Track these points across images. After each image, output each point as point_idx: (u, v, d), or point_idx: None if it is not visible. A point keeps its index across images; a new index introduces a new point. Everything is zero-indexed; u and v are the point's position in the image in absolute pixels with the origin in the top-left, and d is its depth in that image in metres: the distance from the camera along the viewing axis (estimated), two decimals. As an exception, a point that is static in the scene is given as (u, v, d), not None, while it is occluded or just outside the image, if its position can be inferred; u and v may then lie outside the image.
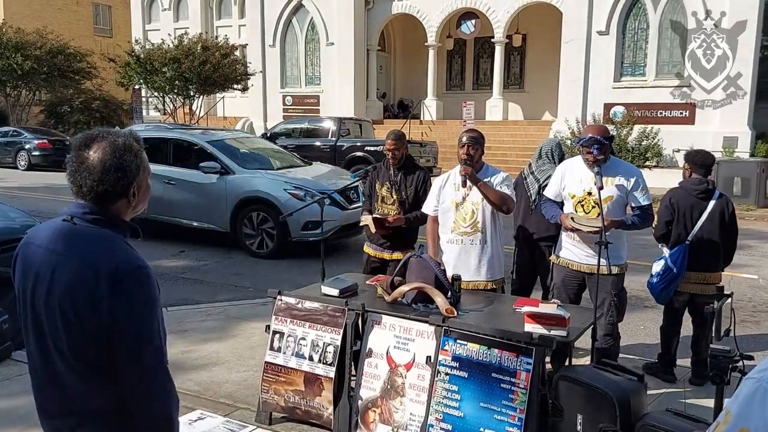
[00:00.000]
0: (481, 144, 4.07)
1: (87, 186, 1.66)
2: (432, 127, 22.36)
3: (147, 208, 1.87)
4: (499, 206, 3.98)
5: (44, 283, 1.64)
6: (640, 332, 5.75)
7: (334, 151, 15.88)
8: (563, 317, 3.11)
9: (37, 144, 20.87)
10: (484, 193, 3.94)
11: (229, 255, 8.61)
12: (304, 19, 24.20)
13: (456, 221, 4.09)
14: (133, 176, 1.70)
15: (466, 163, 3.96)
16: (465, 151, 3.99)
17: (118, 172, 1.66)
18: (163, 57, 21.68)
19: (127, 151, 1.69)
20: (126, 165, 1.67)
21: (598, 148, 3.88)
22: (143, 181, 1.75)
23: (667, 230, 4.50)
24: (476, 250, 4.05)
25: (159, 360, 1.65)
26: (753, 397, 1.15)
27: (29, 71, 24.70)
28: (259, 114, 25.13)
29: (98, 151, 1.66)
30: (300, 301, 3.75)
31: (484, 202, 3.99)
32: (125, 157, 1.68)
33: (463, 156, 4.00)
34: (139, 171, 1.72)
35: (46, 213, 10.53)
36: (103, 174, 1.64)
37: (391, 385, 3.42)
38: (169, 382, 1.67)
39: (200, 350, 5.05)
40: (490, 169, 4.15)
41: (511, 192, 4.06)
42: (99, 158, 1.65)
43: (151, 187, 1.81)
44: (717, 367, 2.30)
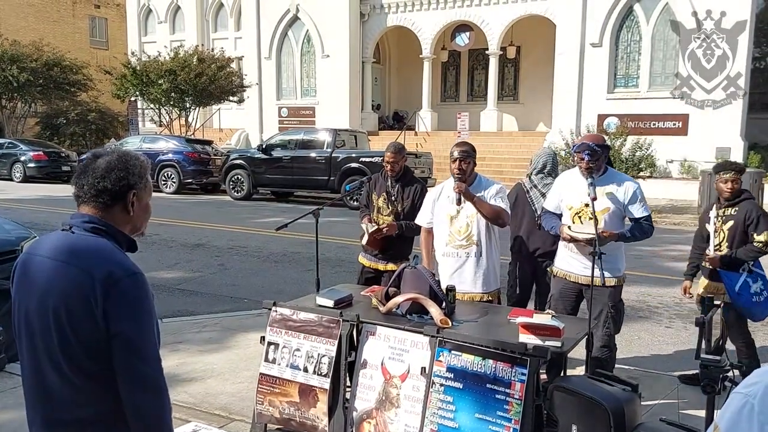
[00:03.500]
0: (473, 157, 4.07)
1: (88, 183, 1.72)
2: (427, 138, 22.45)
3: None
4: (494, 220, 3.98)
5: (39, 291, 1.66)
6: (635, 342, 5.76)
7: (330, 163, 15.92)
8: (557, 328, 3.12)
9: (32, 156, 20.85)
10: (479, 209, 3.95)
11: (224, 266, 8.61)
12: (300, 31, 24.34)
13: (451, 234, 4.10)
14: (134, 182, 1.75)
15: (459, 179, 3.97)
16: (457, 166, 3.99)
17: (120, 171, 1.73)
18: (159, 69, 21.75)
19: (133, 159, 1.78)
20: (129, 168, 1.75)
21: (589, 154, 3.88)
22: (144, 196, 1.79)
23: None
24: (472, 263, 4.05)
25: (154, 366, 1.66)
26: (741, 413, 1.15)
27: (25, 83, 24.72)
28: (255, 126, 25.20)
29: (105, 158, 1.75)
30: (295, 312, 3.75)
31: (478, 214, 4.00)
32: (131, 162, 1.76)
33: (455, 171, 4.00)
34: (141, 181, 1.78)
35: (41, 225, 10.52)
36: (106, 172, 1.72)
37: (386, 396, 3.42)
38: (164, 390, 1.68)
39: (195, 362, 5.04)
40: (484, 181, 4.14)
41: (505, 204, 4.06)
42: (105, 161, 1.74)
43: (151, 209, 1.85)
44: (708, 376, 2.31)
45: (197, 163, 18.47)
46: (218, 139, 24.24)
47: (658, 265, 9.11)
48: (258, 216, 13.82)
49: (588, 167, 3.91)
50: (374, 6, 23.58)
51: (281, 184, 16.95)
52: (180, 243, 10.14)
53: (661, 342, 5.83)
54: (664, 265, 9.12)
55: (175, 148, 18.63)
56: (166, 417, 1.68)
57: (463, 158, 4.00)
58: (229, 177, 17.32)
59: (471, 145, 4.13)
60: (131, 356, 1.62)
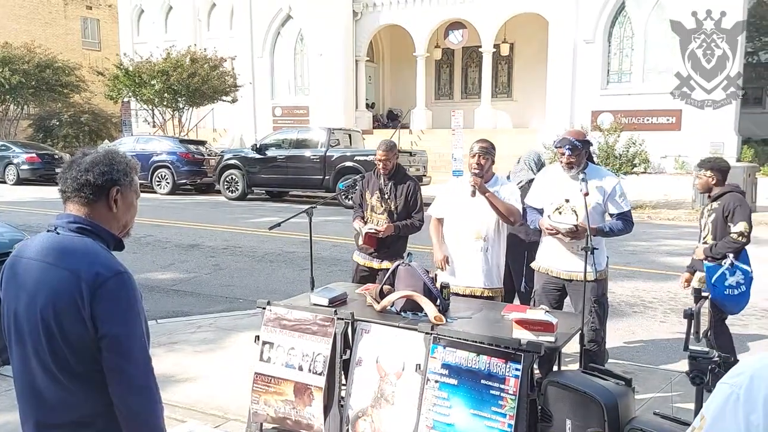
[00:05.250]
0: (492, 154, 4.12)
1: (71, 177, 1.71)
2: (421, 136, 22.47)
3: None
4: (506, 217, 4.04)
5: (27, 293, 1.65)
6: (628, 337, 5.78)
7: (324, 162, 15.91)
8: (551, 323, 3.14)
9: (25, 158, 20.77)
10: (493, 204, 3.99)
11: (219, 266, 8.59)
12: (293, 30, 24.30)
13: (460, 227, 4.13)
14: (118, 177, 1.74)
15: (476, 174, 4.01)
16: (476, 161, 4.05)
17: (104, 166, 1.72)
18: (151, 70, 21.68)
19: (119, 157, 1.77)
20: (114, 164, 1.74)
21: (570, 149, 3.93)
22: (128, 194, 1.78)
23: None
24: (478, 258, 4.09)
25: (143, 367, 1.65)
26: (726, 404, 1.16)
27: (17, 85, 24.62)
28: (249, 125, 25.16)
29: (93, 155, 1.76)
30: (289, 311, 3.75)
31: (489, 211, 4.03)
32: (116, 159, 1.76)
33: (474, 165, 4.05)
34: (126, 178, 1.77)
35: (35, 227, 10.48)
36: (90, 165, 1.72)
37: (381, 394, 3.43)
38: (154, 390, 1.67)
39: (190, 362, 5.03)
40: (500, 180, 4.21)
41: (518, 204, 4.13)
42: (91, 157, 1.74)
43: (137, 208, 1.84)
44: (696, 368, 2.32)
45: (191, 163, 18.42)
46: (212, 139, 24.21)
47: (652, 260, 9.14)
48: (252, 216, 13.80)
49: (569, 162, 3.97)
50: (367, 4, 23.56)
51: (276, 183, 16.92)
52: (174, 244, 10.12)
53: (656, 337, 5.85)
54: (658, 260, 9.15)
55: (169, 149, 18.58)
56: (158, 417, 1.68)
57: (482, 154, 4.05)
58: (223, 177, 17.28)
59: (491, 143, 4.19)
60: (120, 357, 1.61)
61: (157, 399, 1.68)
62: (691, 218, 13.50)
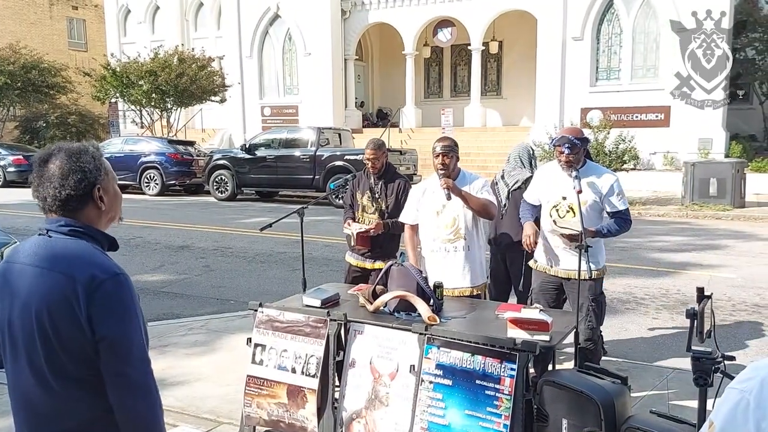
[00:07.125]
0: (455, 151, 4.05)
1: (50, 195, 1.65)
2: (411, 135, 22.43)
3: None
4: (483, 213, 4.00)
5: (21, 299, 1.61)
6: (622, 334, 5.78)
7: (314, 161, 15.85)
8: (546, 322, 3.11)
9: (12, 160, 20.56)
10: (468, 203, 3.95)
11: (209, 268, 8.53)
12: (281, 29, 24.19)
13: (438, 229, 4.08)
14: (94, 177, 1.68)
15: (443, 174, 3.96)
16: (440, 161, 3.98)
17: (77, 174, 1.65)
18: (139, 70, 21.51)
19: (83, 154, 1.68)
20: (83, 166, 1.67)
21: (569, 147, 3.89)
22: (109, 186, 1.73)
23: None
24: (459, 257, 4.04)
25: (142, 369, 1.61)
26: (736, 410, 1.14)
27: (2, 87, 24.34)
28: (238, 125, 25.02)
29: (55, 161, 1.67)
30: (281, 312, 3.71)
31: (464, 208, 3.99)
32: (82, 158, 1.68)
33: (438, 166, 3.98)
34: (101, 173, 1.70)
35: (22, 230, 10.36)
36: (62, 179, 1.64)
37: (375, 395, 3.39)
38: (154, 392, 1.64)
39: (182, 365, 4.98)
40: (468, 176, 4.14)
41: (492, 197, 4.09)
42: (57, 166, 1.66)
43: (120, 194, 1.79)
44: (700, 368, 2.30)
45: (180, 164, 18.31)
46: (201, 140, 24.05)
47: (644, 256, 9.16)
48: (243, 216, 13.73)
49: (568, 160, 3.93)
50: (355, 3, 23.49)
51: (266, 183, 16.85)
52: (164, 245, 10.04)
53: (649, 333, 5.86)
54: (649, 256, 9.17)
55: (158, 150, 18.46)
56: (158, 420, 1.64)
57: (445, 153, 3.98)
58: (212, 178, 17.19)
59: (453, 140, 4.12)
60: (118, 360, 1.57)
61: (157, 401, 1.64)
62: (681, 214, 13.57)
